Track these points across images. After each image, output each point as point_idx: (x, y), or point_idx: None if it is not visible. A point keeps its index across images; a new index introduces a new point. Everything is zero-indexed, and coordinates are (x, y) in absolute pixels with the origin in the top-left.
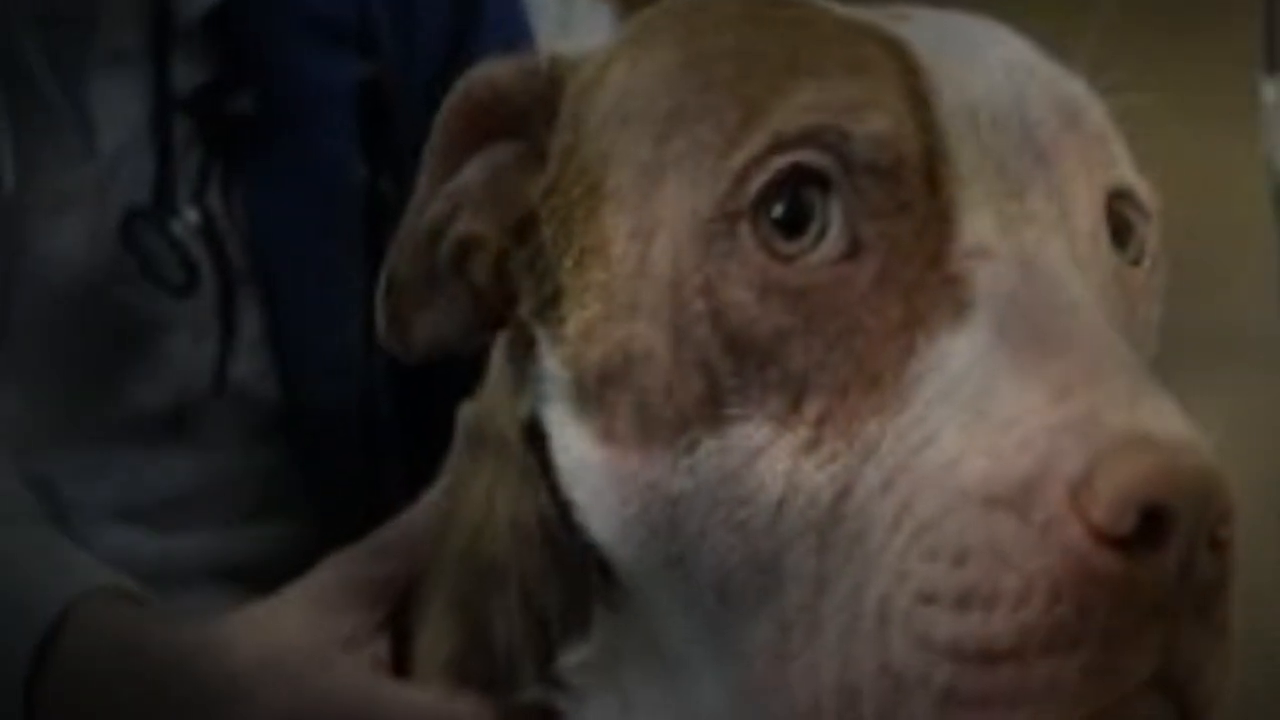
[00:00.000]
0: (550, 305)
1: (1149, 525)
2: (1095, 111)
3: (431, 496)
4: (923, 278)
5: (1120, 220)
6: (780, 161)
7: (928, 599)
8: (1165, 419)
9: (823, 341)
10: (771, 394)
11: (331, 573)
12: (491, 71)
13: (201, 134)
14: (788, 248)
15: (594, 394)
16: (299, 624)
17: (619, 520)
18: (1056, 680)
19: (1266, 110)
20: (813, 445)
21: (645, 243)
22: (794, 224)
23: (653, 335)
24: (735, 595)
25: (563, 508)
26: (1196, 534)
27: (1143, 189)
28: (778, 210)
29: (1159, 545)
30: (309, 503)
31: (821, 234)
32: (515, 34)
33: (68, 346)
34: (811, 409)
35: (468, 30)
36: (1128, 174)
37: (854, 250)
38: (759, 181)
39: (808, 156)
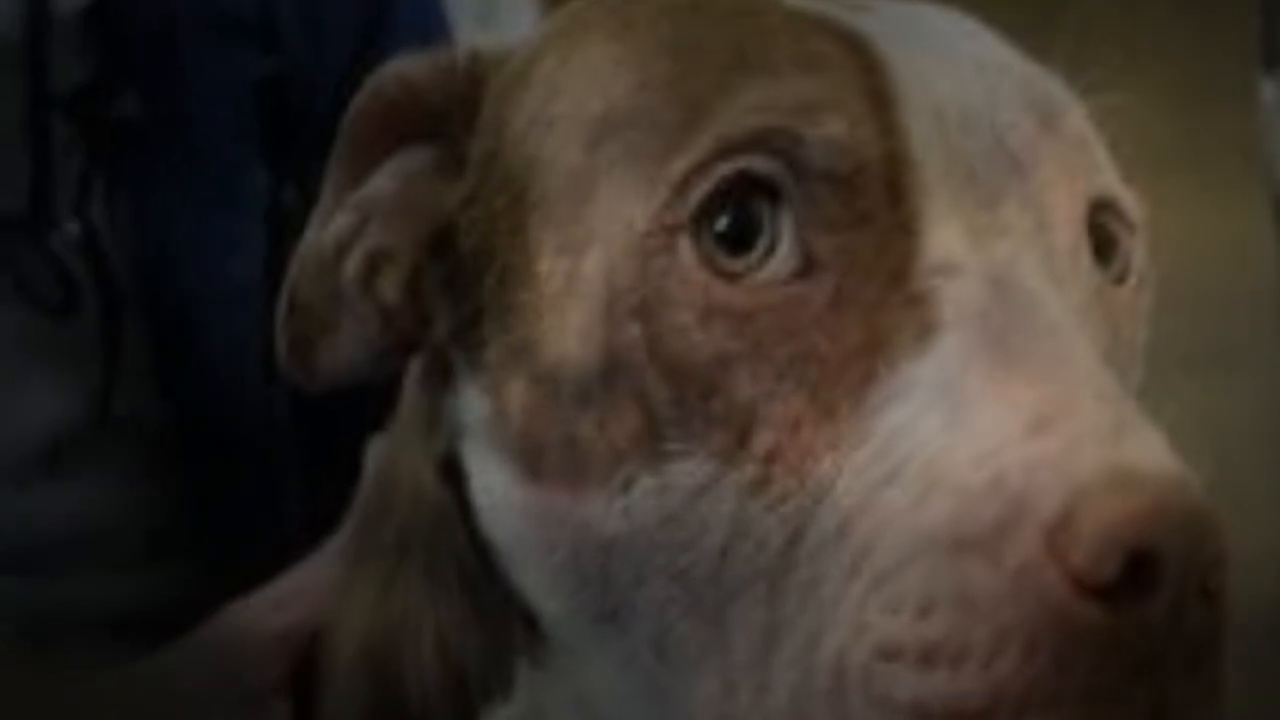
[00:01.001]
0: (469, 327)
1: (1134, 572)
2: (1075, 113)
3: (338, 540)
4: (884, 297)
5: (1103, 233)
6: (725, 168)
7: (889, 655)
8: (1151, 453)
9: (772, 369)
10: (715, 428)
11: (226, 624)
12: (405, 69)
13: (83, 138)
14: (733, 265)
15: (518, 427)
16: (190, 681)
17: (546, 567)
18: None
19: (1265, 110)
20: (761, 484)
21: (575, 259)
22: (740, 238)
23: (583, 362)
24: (675, 651)
25: (482, 553)
26: (1186, 581)
27: (1127, 199)
28: (722, 223)
29: (1145, 594)
30: (202, 547)
31: (771, 249)
32: (431, 28)
33: None
34: (760, 444)
35: (379, 24)
36: (1111, 182)
37: (807, 267)
38: (701, 191)
39: (755, 163)
